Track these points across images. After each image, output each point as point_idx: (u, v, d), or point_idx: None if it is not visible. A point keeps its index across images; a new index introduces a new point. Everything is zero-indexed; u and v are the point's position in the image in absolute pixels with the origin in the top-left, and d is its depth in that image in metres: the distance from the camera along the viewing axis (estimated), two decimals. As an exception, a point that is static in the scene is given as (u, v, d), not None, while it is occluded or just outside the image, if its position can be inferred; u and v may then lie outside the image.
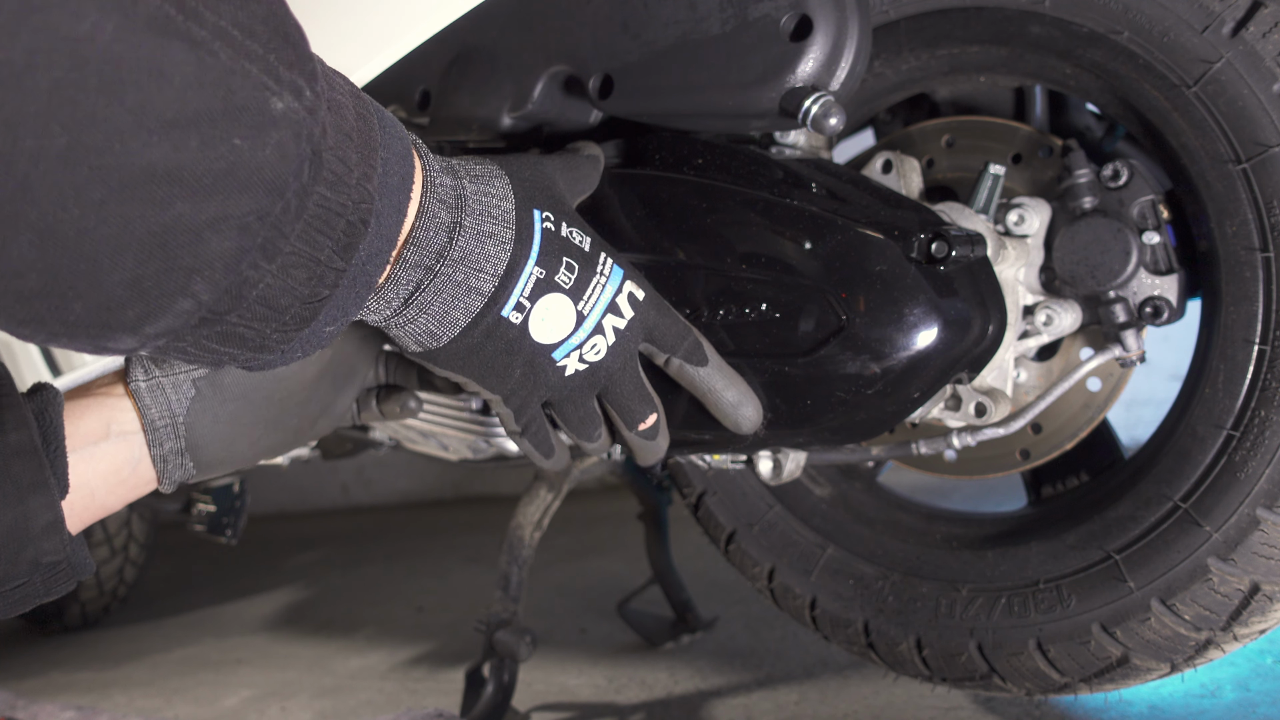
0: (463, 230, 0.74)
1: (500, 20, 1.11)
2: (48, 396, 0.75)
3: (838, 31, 0.93)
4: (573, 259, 0.80)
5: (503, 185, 0.79)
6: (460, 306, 0.75)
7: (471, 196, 0.76)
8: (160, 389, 0.77)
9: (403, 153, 0.70)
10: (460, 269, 0.74)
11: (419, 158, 0.74)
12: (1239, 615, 1.01)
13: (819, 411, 0.96)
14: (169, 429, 0.78)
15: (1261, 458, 0.97)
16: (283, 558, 3.52)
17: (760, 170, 1.01)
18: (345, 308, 0.68)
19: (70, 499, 0.73)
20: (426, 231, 0.73)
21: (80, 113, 0.49)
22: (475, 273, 0.75)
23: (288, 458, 1.65)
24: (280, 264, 0.61)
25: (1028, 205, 1.07)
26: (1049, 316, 1.06)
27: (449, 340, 0.77)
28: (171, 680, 2.17)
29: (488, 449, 1.30)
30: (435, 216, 0.74)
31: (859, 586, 1.26)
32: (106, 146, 0.50)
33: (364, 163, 0.65)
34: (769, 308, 0.96)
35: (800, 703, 1.52)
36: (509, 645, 1.49)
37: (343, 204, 0.63)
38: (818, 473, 1.33)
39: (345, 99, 0.66)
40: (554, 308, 0.79)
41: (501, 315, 0.76)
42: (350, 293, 0.67)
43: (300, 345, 0.68)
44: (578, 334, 0.81)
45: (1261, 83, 0.94)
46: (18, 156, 0.48)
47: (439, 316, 0.75)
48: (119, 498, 0.79)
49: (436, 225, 0.74)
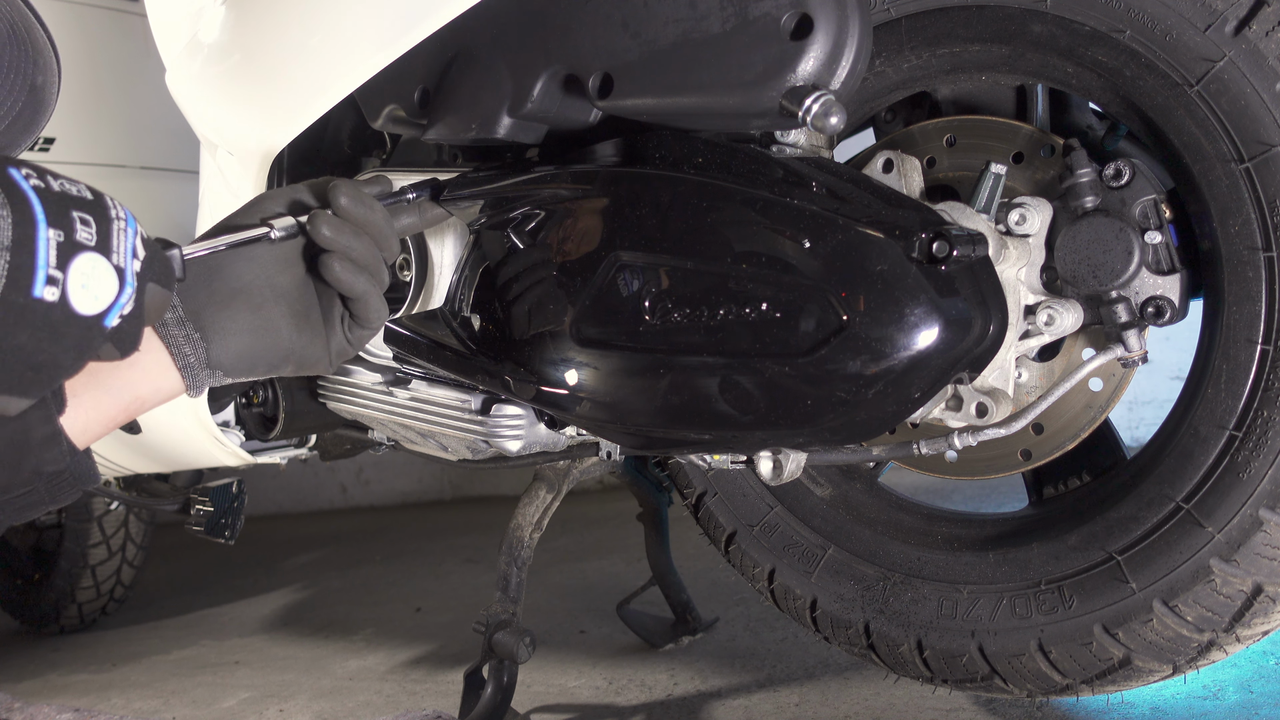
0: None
1: (500, 19, 1.10)
2: None
3: (838, 30, 0.92)
4: (84, 211, 0.68)
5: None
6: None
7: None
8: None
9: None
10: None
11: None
12: (1242, 616, 1.01)
13: (819, 411, 0.96)
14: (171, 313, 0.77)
15: (1264, 458, 0.97)
16: (281, 559, 3.51)
17: (761, 169, 1.00)
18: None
19: (73, 414, 0.73)
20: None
21: None
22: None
23: (285, 457, 1.65)
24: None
25: (1029, 204, 1.06)
26: (1050, 316, 1.06)
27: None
28: (169, 682, 2.17)
29: (487, 449, 1.29)
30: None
31: (860, 588, 1.26)
32: None
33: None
34: (769, 307, 0.96)
35: (801, 704, 1.51)
36: (508, 646, 1.48)
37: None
38: (818, 473, 1.33)
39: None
40: (90, 269, 0.67)
41: (34, 297, 0.64)
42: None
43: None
44: (125, 291, 0.70)
45: (1264, 81, 0.93)
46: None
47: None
48: (132, 400, 0.78)
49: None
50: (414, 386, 1.31)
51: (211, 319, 0.81)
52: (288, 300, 0.85)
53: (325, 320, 0.87)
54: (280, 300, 0.84)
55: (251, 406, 1.52)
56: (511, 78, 1.10)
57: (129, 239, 0.70)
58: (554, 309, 1.08)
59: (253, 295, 0.83)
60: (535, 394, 1.11)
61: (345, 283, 0.85)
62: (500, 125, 1.10)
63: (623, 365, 1.05)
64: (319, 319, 0.87)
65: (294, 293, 0.85)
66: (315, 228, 0.84)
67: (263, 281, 0.84)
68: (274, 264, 0.84)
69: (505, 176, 1.15)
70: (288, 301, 0.85)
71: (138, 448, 1.60)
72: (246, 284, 0.83)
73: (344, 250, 0.84)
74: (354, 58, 1.10)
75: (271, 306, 0.84)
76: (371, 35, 1.08)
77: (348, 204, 0.85)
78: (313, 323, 0.86)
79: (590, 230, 1.07)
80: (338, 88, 1.12)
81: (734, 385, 0.99)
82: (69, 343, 0.67)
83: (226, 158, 1.28)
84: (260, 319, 0.83)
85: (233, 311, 0.82)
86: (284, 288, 0.85)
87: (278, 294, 0.84)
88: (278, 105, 1.18)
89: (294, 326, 0.85)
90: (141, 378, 0.79)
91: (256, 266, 0.84)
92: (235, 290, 0.83)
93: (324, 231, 0.83)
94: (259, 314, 0.83)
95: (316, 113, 1.15)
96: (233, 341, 0.82)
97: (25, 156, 0.78)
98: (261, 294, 0.84)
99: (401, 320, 1.25)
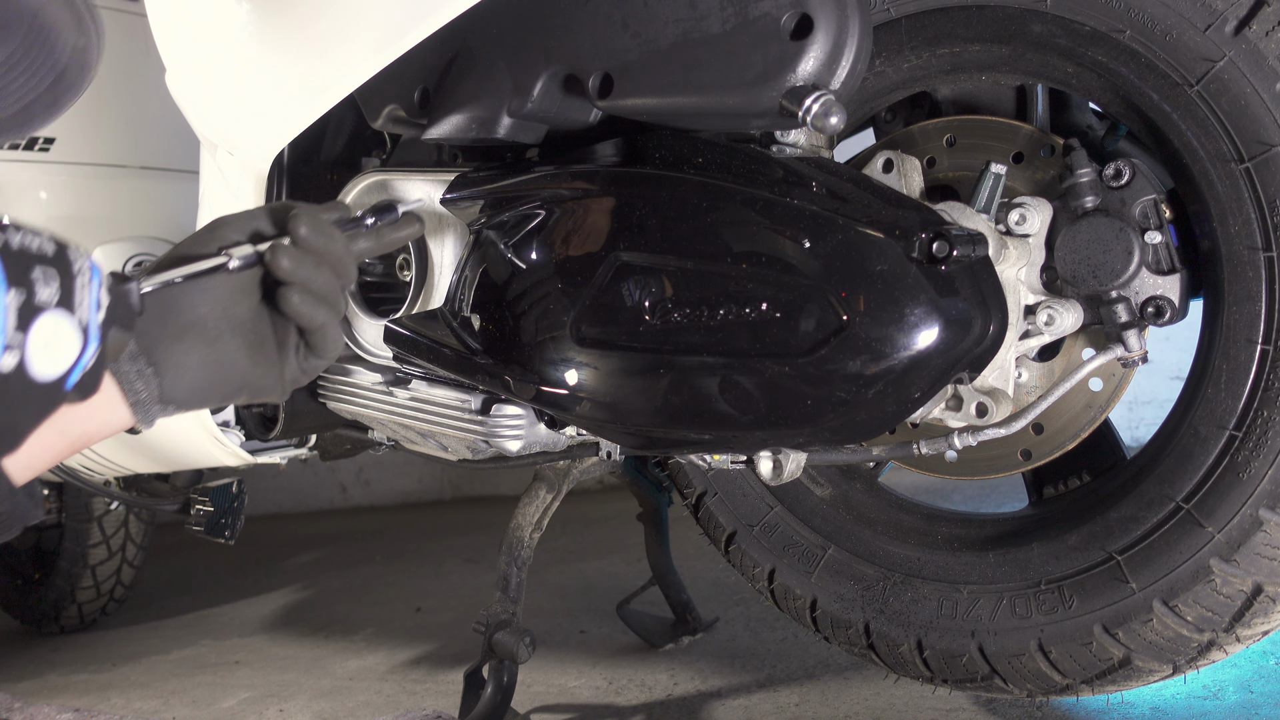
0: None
1: (500, 19, 1.10)
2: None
3: (838, 30, 0.92)
4: (46, 266, 0.66)
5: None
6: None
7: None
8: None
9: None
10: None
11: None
12: (1242, 616, 1.01)
13: (820, 411, 0.96)
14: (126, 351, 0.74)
15: (1264, 458, 0.97)
16: (281, 558, 3.51)
17: (761, 169, 1.00)
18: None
19: (18, 453, 0.69)
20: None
21: None
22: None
23: (285, 457, 1.65)
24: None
25: (1029, 204, 1.06)
26: (1050, 316, 1.06)
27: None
28: (169, 682, 2.17)
29: (487, 449, 1.29)
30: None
31: (860, 587, 1.26)
32: None
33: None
34: (769, 307, 0.96)
35: (801, 704, 1.51)
36: (508, 646, 1.48)
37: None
38: (818, 473, 1.33)
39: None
40: (53, 329, 0.66)
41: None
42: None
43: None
44: (89, 348, 0.69)
45: (1264, 81, 0.93)
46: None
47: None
48: (80, 436, 0.76)
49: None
50: (414, 386, 1.31)
51: (165, 354, 0.79)
52: (243, 332, 0.82)
53: (280, 350, 0.85)
54: (236, 332, 0.82)
55: (251, 406, 1.52)
56: (511, 78, 1.10)
57: (93, 291, 0.68)
58: (554, 309, 1.08)
59: (208, 328, 0.81)
60: (535, 394, 1.11)
61: (304, 315, 0.83)
62: (500, 125, 1.10)
63: (623, 365, 1.05)
64: (274, 349, 0.84)
65: (250, 324, 0.83)
66: (275, 260, 0.81)
67: (219, 314, 0.81)
68: (230, 294, 0.82)
69: (505, 176, 1.15)
70: (243, 333, 0.82)
71: (138, 448, 1.60)
72: (202, 316, 0.81)
73: (303, 282, 0.82)
74: (354, 58, 1.10)
75: (227, 339, 0.81)
76: (371, 35, 1.08)
77: (308, 234, 0.82)
78: (267, 353, 0.84)
79: (590, 230, 1.07)
80: (338, 88, 1.12)
81: (734, 385, 0.99)
82: (29, 409, 0.65)
83: (226, 158, 1.28)
84: (215, 352, 0.81)
85: (187, 345, 0.80)
86: (240, 319, 0.82)
87: (233, 326, 0.82)
88: (278, 105, 1.18)
89: (249, 358, 0.83)
90: (90, 414, 0.77)
91: (212, 298, 0.81)
92: (190, 323, 0.80)
93: (284, 264, 0.80)
94: (213, 347, 0.81)
95: (316, 113, 1.15)
96: (186, 376, 0.80)
97: (24, 155, 0.77)
98: (217, 326, 0.81)
99: (401, 320, 1.25)
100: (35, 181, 1.71)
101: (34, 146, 1.69)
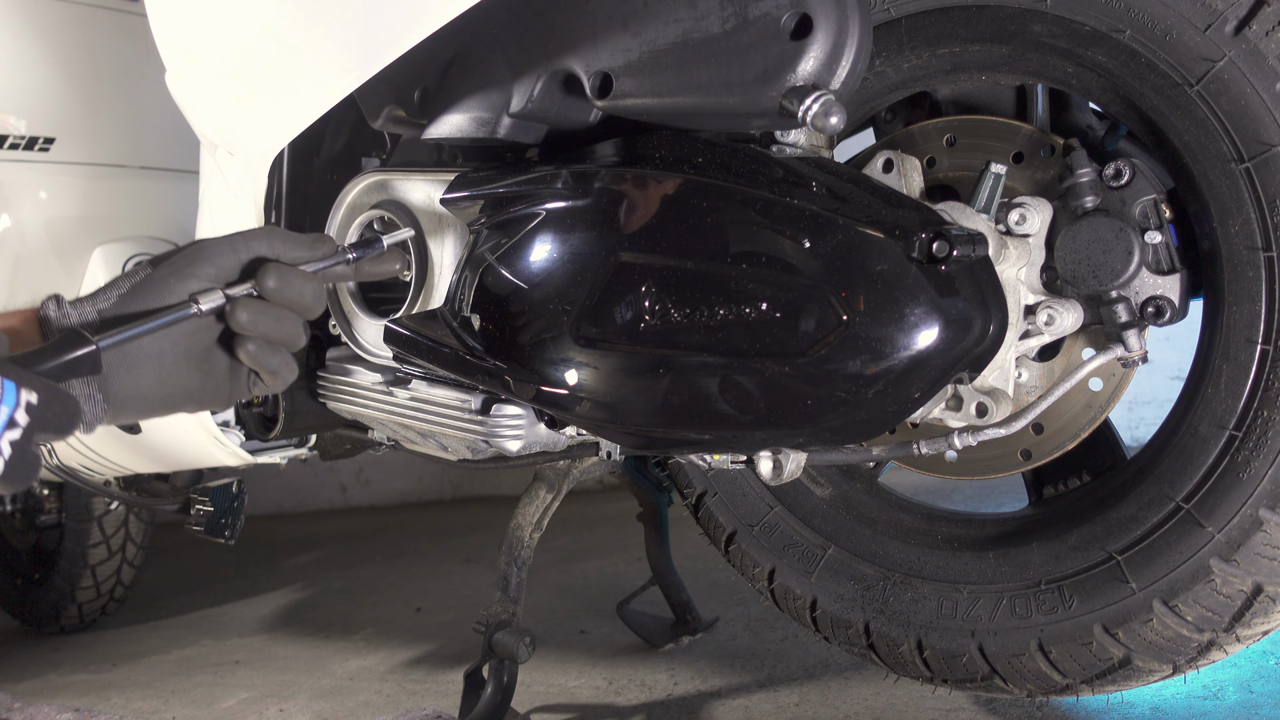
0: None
1: (499, 19, 1.10)
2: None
3: (838, 30, 0.92)
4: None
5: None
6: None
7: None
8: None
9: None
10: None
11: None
12: (1242, 616, 1.01)
13: (820, 411, 0.96)
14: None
15: (1264, 458, 0.97)
16: (281, 558, 3.51)
17: (760, 169, 1.00)
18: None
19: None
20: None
21: None
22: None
23: (285, 457, 1.65)
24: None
25: (1029, 204, 1.06)
26: (1050, 316, 1.06)
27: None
28: (169, 681, 2.16)
29: (487, 449, 1.29)
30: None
31: (860, 587, 1.26)
32: None
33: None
34: (769, 307, 0.96)
35: (801, 704, 1.51)
36: (508, 646, 1.48)
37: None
38: (818, 473, 1.33)
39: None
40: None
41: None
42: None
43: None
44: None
45: (1264, 81, 0.93)
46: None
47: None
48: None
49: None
50: (414, 386, 1.31)
51: (118, 381, 0.81)
52: (197, 362, 0.86)
53: (231, 376, 0.88)
54: (190, 362, 0.85)
55: (251, 406, 1.52)
56: (511, 78, 1.10)
57: (2, 416, 0.70)
58: (554, 309, 1.08)
59: (164, 359, 0.83)
60: (535, 394, 1.11)
61: (259, 363, 0.86)
62: (500, 125, 1.10)
63: (623, 365, 1.05)
64: (224, 375, 0.88)
65: (204, 354, 0.86)
66: (234, 316, 0.84)
67: (177, 349, 0.84)
68: (192, 331, 0.85)
69: (505, 176, 1.15)
70: (197, 363, 0.85)
71: (137, 448, 1.60)
72: (160, 350, 0.83)
73: (261, 336, 0.85)
74: (354, 58, 1.10)
75: (182, 367, 0.84)
76: (372, 35, 1.08)
77: (275, 287, 0.85)
78: (218, 379, 0.87)
79: (590, 230, 1.07)
80: (338, 88, 1.12)
81: (734, 385, 0.99)
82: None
83: (226, 158, 1.28)
84: (167, 378, 0.84)
85: (140, 374, 0.82)
86: (196, 350, 0.85)
87: (189, 357, 0.85)
88: (278, 105, 1.18)
89: (200, 382, 0.86)
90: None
91: (174, 334, 0.84)
92: (147, 356, 0.83)
93: (241, 318, 0.84)
94: (167, 374, 0.84)
95: (316, 113, 1.15)
96: (134, 400, 0.83)
97: (24, 155, 0.78)
98: (174, 357, 0.84)
99: (401, 320, 1.25)
100: (35, 181, 1.70)
101: (34, 146, 1.69)
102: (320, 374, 1.44)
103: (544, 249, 1.10)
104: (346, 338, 1.38)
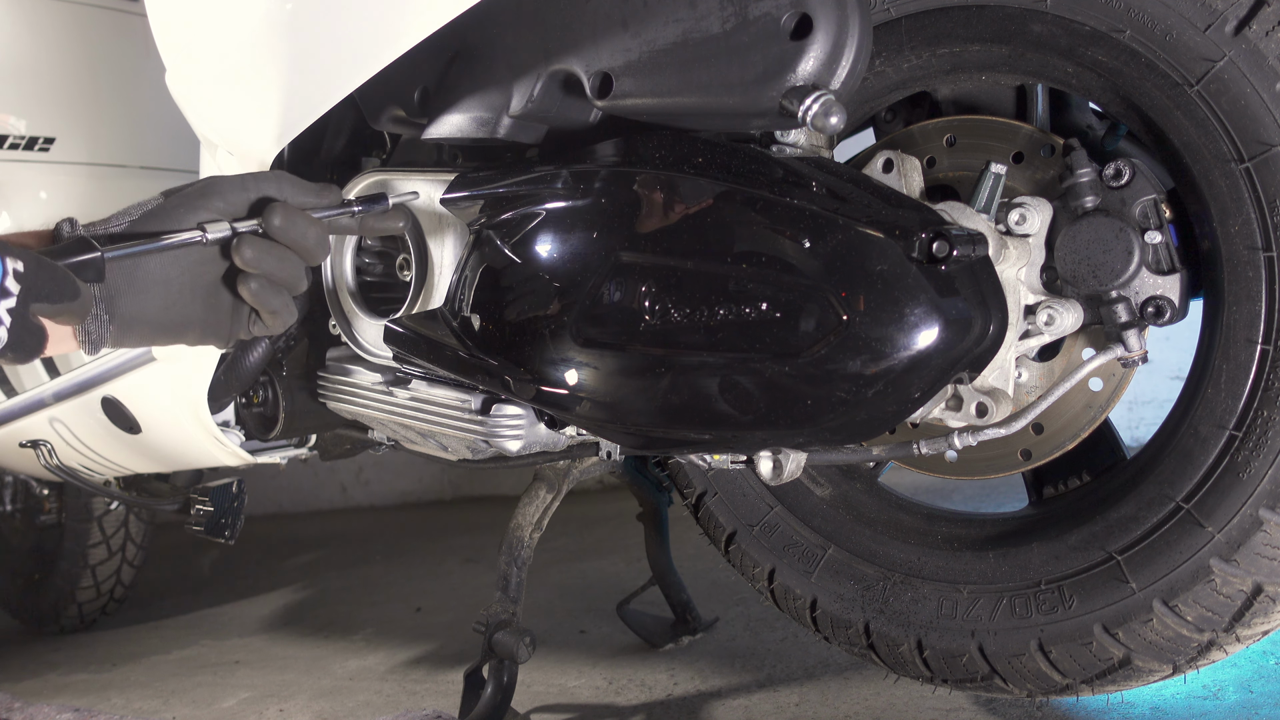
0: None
1: (499, 19, 1.10)
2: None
3: (838, 30, 0.92)
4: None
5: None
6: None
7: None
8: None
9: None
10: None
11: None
12: (1242, 616, 1.01)
13: (819, 411, 0.96)
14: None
15: (1264, 458, 0.97)
16: (281, 558, 3.51)
17: (760, 169, 1.00)
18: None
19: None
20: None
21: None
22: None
23: (285, 457, 1.64)
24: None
25: (1029, 204, 1.06)
26: (1050, 316, 1.06)
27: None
28: (169, 681, 2.16)
29: (487, 449, 1.29)
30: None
31: (860, 587, 1.26)
32: None
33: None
34: (769, 307, 0.96)
35: (801, 704, 1.51)
36: (508, 646, 1.48)
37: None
38: (818, 473, 1.33)
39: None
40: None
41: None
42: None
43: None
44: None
45: (1264, 81, 0.93)
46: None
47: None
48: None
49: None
50: (414, 386, 1.31)
51: (125, 305, 0.84)
52: (203, 294, 0.88)
53: (234, 312, 0.91)
54: (196, 292, 0.88)
55: (251, 406, 1.52)
56: (511, 77, 1.10)
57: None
58: (554, 309, 1.08)
59: (171, 287, 0.86)
60: (535, 394, 1.11)
61: (260, 301, 0.89)
62: (500, 125, 1.10)
63: (623, 365, 1.05)
64: (228, 310, 0.90)
65: (210, 287, 0.89)
66: (239, 250, 0.86)
67: (184, 277, 0.87)
68: (199, 261, 0.87)
69: (505, 176, 1.15)
70: (203, 295, 0.88)
71: (138, 448, 1.60)
72: (167, 277, 0.86)
73: (265, 274, 0.88)
74: (354, 58, 1.10)
75: (188, 297, 0.87)
76: (371, 35, 1.08)
77: (281, 225, 0.88)
78: (221, 313, 0.90)
79: (590, 230, 1.07)
80: (338, 88, 1.12)
81: (734, 385, 0.99)
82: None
83: (226, 158, 1.28)
84: (172, 305, 0.87)
85: (148, 299, 0.85)
86: (201, 281, 0.88)
87: (195, 287, 0.87)
88: (278, 105, 1.18)
89: (203, 313, 0.89)
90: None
91: (182, 263, 0.87)
92: (156, 281, 0.85)
93: (246, 254, 0.86)
94: (172, 302, 0.86)
95: (316, 113, 1.15)
96: (139, 322, 0.85)
97: (24, 155, 0.80)
98: (180, 286, 0.87)
99: (401, 320, 1.25)
100: (35, 181, 1.71)
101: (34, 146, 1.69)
102: (320, 374, 1.44)
103: (544, 249, 1.10)
104: (346, 338, 1.38)
